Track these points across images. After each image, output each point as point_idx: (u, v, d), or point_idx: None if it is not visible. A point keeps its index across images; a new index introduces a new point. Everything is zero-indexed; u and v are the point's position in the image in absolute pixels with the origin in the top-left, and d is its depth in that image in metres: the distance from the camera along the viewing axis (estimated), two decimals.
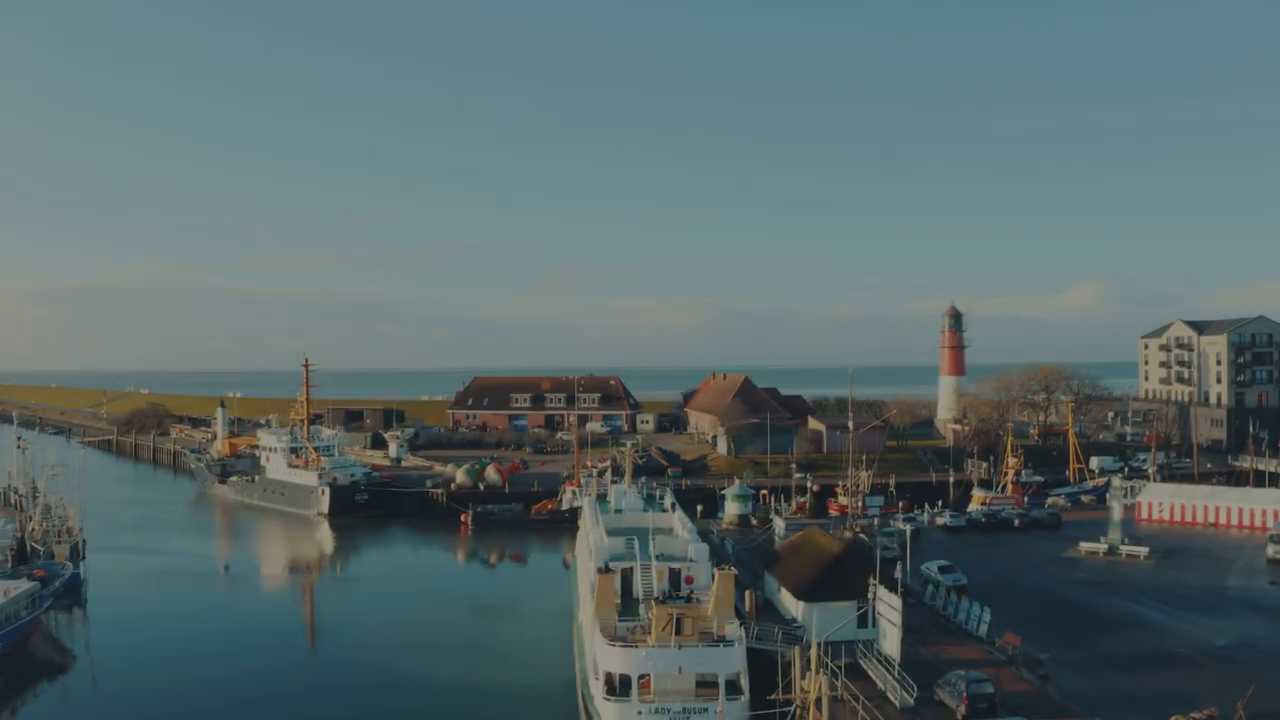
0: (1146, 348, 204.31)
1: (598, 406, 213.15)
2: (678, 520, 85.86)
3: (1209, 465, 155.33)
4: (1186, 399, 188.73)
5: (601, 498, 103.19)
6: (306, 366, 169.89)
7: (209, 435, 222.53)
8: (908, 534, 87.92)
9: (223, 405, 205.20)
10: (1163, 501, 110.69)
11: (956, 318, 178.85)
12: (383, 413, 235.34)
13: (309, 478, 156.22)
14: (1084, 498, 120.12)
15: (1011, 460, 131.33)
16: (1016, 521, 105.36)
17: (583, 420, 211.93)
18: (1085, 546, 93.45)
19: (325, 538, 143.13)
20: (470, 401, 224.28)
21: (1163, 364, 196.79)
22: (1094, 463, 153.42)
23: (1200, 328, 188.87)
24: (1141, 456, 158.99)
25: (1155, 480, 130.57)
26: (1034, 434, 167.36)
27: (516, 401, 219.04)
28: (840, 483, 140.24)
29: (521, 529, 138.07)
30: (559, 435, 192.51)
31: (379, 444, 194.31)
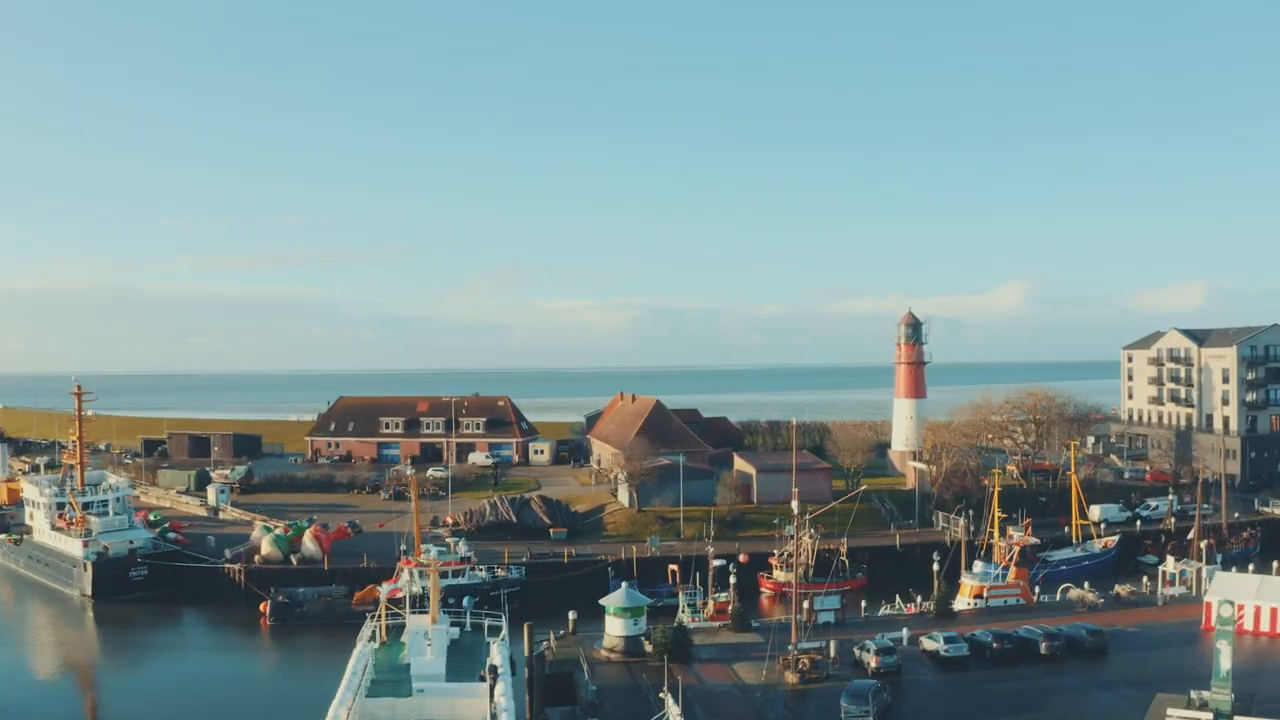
0: (1131, 360, 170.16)
1: (483, 432, 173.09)
2: (499, 708, 46.90)
3: (1237, 514, 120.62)
4: (1184, 423, 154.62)
5: (395, 633, 63.81)
6: (79, 394, 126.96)
7: None
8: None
9: (2, 437, 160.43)
10: (1243, 604, 74.10)
11: (915, 327, 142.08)
12: (233, 439, 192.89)
13: (73, 545, 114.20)
14: (1121, 590, 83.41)
15: (1015, 532, 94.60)
16: (1043, 646, 68.17)
17: (465, 450, 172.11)
18: (1177, 715, 56.05)
19: (76, 636, 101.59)
20: (333, 427, 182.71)
21: (1152, 380, 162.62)
22: (1094, 512, 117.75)
23: (1199, 338, 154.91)
24: (1153, 503, 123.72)
25: (1194, 544, 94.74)
26: (1013, 470, 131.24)
27: (387, 426, 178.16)
28: (775, 552, 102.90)
29: (340, 625, 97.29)
30: (430, 472, 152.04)
31: (207, 484, 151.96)
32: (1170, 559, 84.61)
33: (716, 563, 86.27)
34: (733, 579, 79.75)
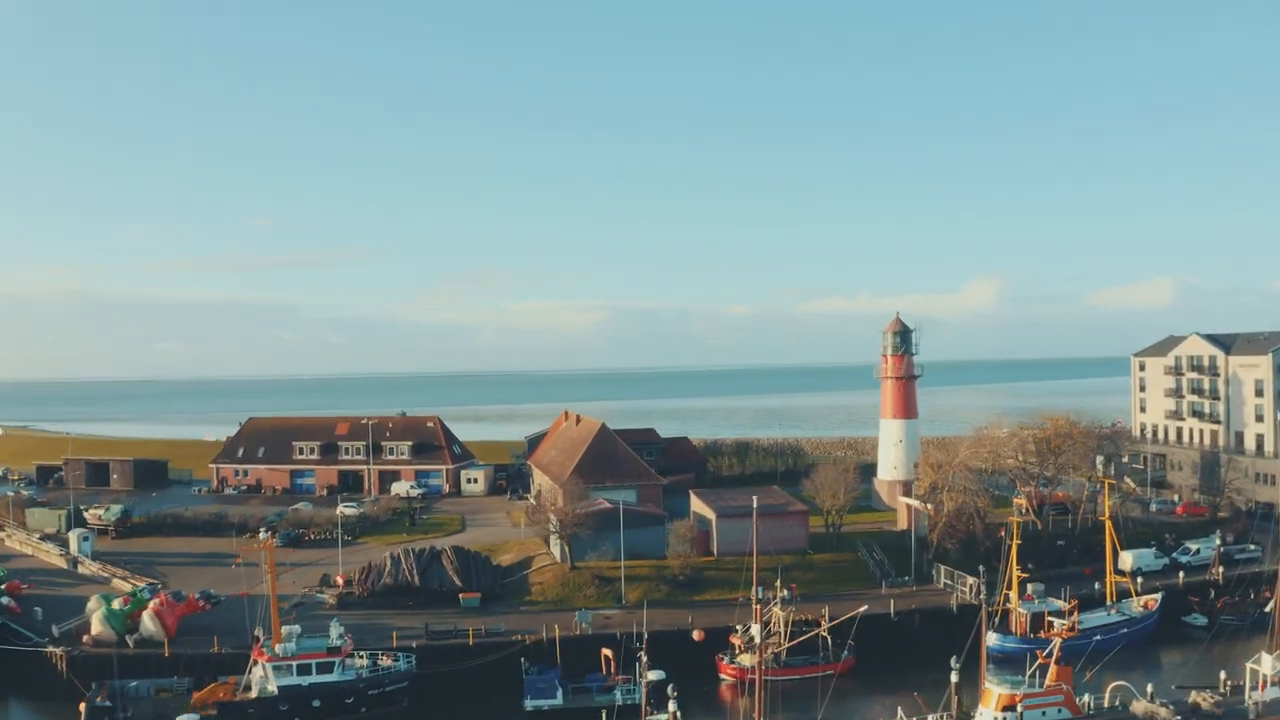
0: (1143, 368, 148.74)
1: (409, 458, 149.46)
2: None
3: None
4: (1210, 441, 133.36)
5: None
6: None
7: None
8: None
9: None
10: None
11: (904, 336, 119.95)
12: (133, 465, 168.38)
13: None
14: (1200, 699, 61.14)
15: (1058, 619, 72.52)
16: None
17: (389, 478, 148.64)
18: None
19: None
20: (241, 452, 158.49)
21: (1170, 392, 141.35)
22: (1126, 559, 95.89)
23: (1225, 344, 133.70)
24: (1193, 546, 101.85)
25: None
26: (1022, 505, 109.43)
27: (301, 451, 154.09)
28: (738, 628, 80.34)
29: None
30: (340, 508, 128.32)
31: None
32: (1266, 656, 62.68)
33: (653, 675, 62.92)
34: (673, 704, 56.75)
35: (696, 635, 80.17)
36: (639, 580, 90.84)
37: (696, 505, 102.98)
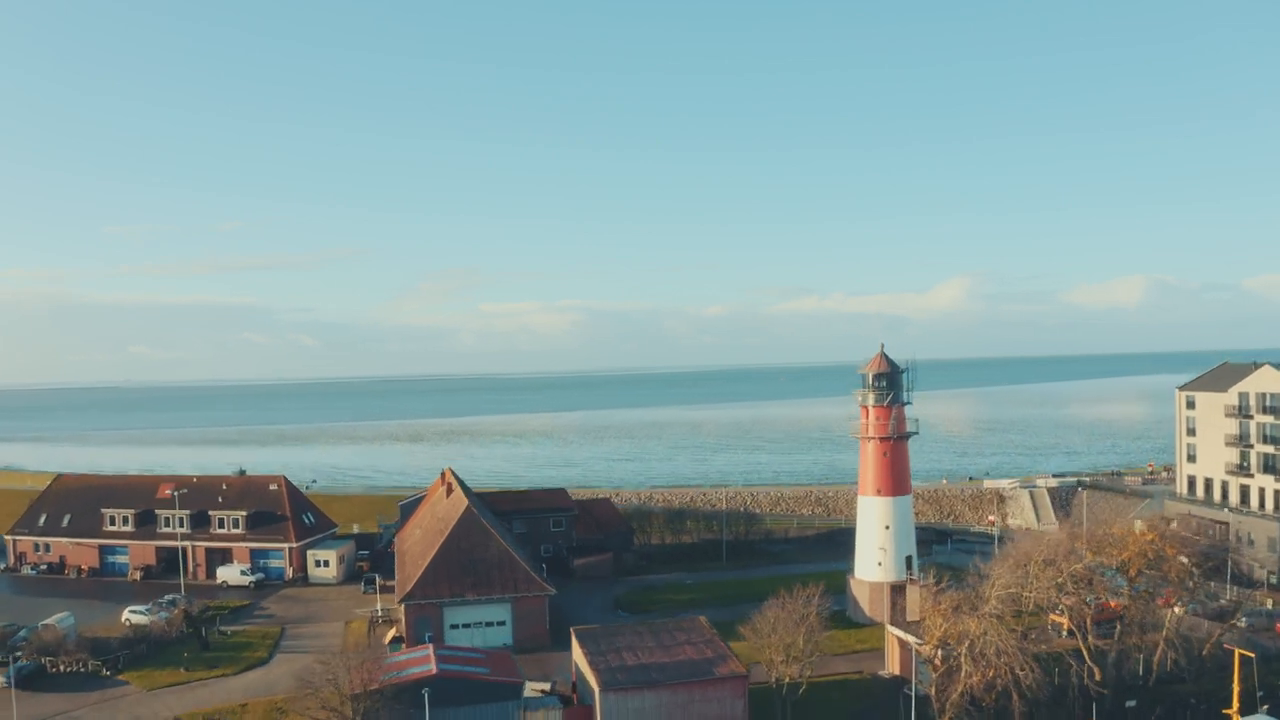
0: (1192, 406, 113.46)
1: (244, 531, 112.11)
2: None
3: None
4: None
5: None
6: None
7: None
8: None
9: None
10: None
11: (891, 379, 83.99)
12: None
13: None
14: None
15: None
16: None
17: (217, 557, 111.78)
18: None
19: None
20: (44, 520, 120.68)
21: (1233, 440, 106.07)
22: None
23: None
24: None
25: None
26: (1062, 625, 73.51)
27: (113, 521, 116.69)
28: None
29: None
30: (126, 614, 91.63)
31: None
32: None
33: None
34: None
35: None
36: None
37: (578, 656, 65.93)
